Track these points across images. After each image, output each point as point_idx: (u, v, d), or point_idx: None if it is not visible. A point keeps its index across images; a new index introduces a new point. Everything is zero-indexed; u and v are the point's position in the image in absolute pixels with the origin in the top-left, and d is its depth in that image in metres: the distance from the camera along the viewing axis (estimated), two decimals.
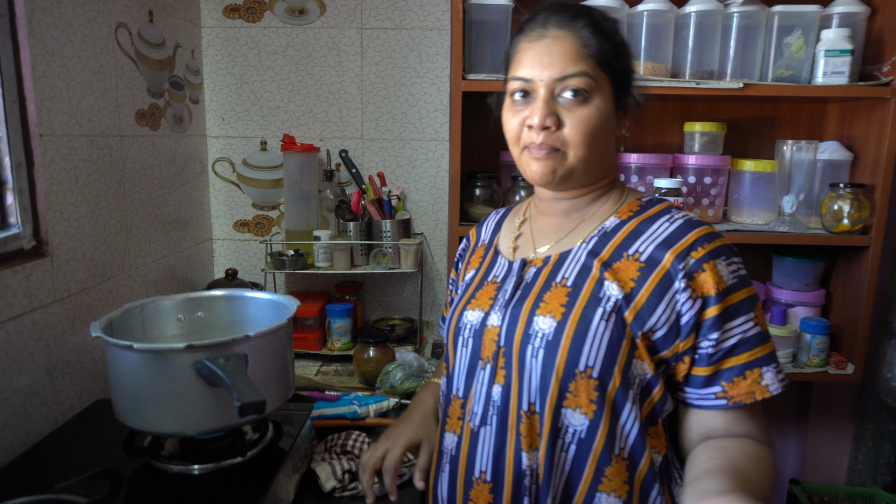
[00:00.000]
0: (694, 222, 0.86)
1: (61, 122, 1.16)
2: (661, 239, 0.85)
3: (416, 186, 1.87)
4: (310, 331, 1.71)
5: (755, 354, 0.81)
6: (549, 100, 0.84)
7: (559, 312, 0.84)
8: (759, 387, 0.81)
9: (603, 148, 0.87)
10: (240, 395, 0.81)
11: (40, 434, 1.10)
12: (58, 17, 1.15)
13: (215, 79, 1.81)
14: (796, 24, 1.58)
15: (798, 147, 1.59)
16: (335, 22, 1.78)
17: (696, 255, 0.82)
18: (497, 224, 1.07)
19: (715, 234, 0.85)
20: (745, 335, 0.81)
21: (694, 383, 0.83)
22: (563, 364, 0.82)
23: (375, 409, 1.31)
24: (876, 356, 1.82)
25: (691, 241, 0.83)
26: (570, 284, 0.86)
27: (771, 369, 0.82)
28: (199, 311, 1.14)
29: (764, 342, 0.82)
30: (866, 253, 1.61)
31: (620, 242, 0.87)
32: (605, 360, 0.81)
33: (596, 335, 0.81)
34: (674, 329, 0.81)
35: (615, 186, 0.95)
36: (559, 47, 0.83)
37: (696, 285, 0.81)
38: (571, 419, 0.82)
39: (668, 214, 0.88)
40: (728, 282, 0.81)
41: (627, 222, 0.89)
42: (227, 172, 1.87)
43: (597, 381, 0.81)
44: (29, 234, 1.10)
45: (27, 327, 1.07)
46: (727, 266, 0.82)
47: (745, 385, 0.81)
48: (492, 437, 0.86)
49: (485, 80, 1.54)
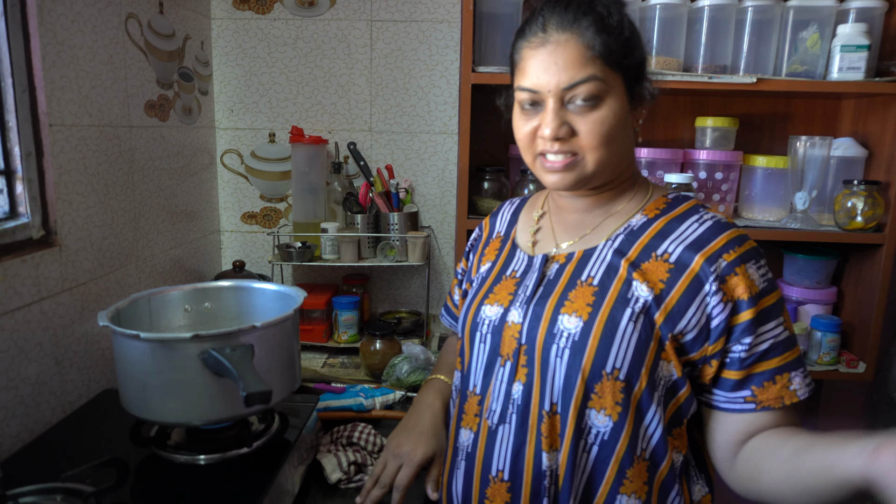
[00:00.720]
0: (723, 224, 0.85)
1: (71, 111, 1.16)
2: (691, 240, 0.83)
3: (424, 179, 1.86)
4: (316, 323, 1.71)
5: (785, 359, 0.81)
6: (558, 109, 0.81)
7: (586, 312, 0.82)
8: (787, 391, 0.80)
9: (621, 145, 0.85)
10: (246, 386, 0.81)
11: (48, 423, 1.11)
12: (68, 7, 1.15)
13: (224, 70, 1.81)
14: (812, 19, 1.56)
15: (812, 143, 1.57)
16: (345, 14, 1.78)
17: (727, 257, 0.81)
18: (513, 215, 1.04)
19: (744, 236, 0.84)
20: (777, 339, 0.81)
21: (723, 386, 0.82)
22: (589, 365, 0.80)
23: (381, 401, 1.31)
24: (888, 355, 1.80)
25: (722, 243, 0.82)
26: (597, 283, 0.84)
27: (799, 374, 0.81)
28: (206, 302, 1.14)
29: (792, 346, 0.82)
30: (880, 251, 1.59)
31: (648, 242, 0.85)
32: (632, 362, 0.79)
33: (624, 336, 0.80)
34: (703, 332, 0.80)
35: (637, 181, 0.93)
36: (563, 53, 0.79)
37: (728, 289, 0.80)
38: (595, 420, 0.81)
39: (696, 214, 0.87)
40: (759, 286, 0.81)
41: (655, 221, 0.87)
42: (235, 164, 1.87)
43: (623, 383, 0.80)
44: (38, 224, 1.11)
45: (35, 317, 1.08)
46: (757, 270, 0.82)
47: (774, 390, 0.80)
48: (511, 436, 0.84)
49: (495, 72, 1.53)
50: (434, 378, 1.11)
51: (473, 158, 1.65)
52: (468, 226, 1.61)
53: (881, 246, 1.58)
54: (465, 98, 1.53)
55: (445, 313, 1.19)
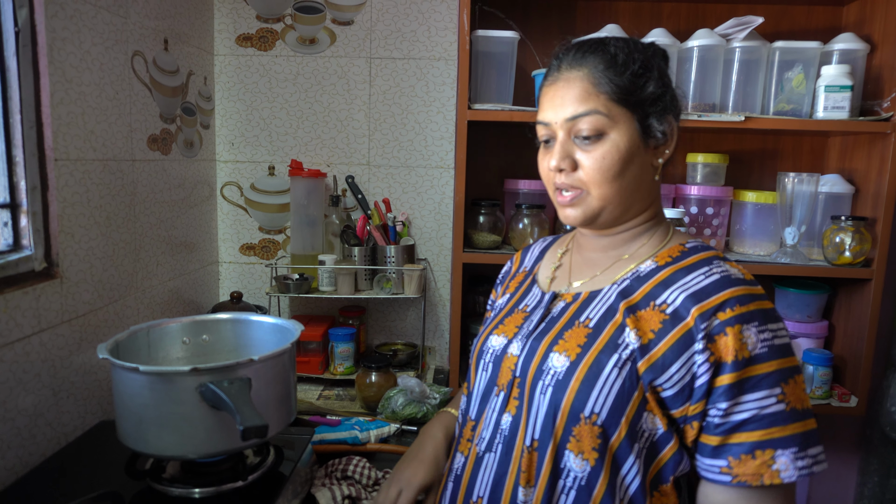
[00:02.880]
0: (732, 280, 0.80)
1: (76, 146, 1.19)
2: (691, 292, 0.80)
3: (420, 213, 1.89)
4: (312, 354, 1.72)
5: (770, 434, 0.75)
6: (565, 142, 0.85)
7: (574, 353, 0.82)
8: (768, 470, 0.74)
9: (631, 182, 0.85)
10: (243, 419, 0.82)
11: (43, 455, 1.11)
12: (77, 45, 1.18)
13: (226, 105, 1.85)
14: (797, 60, 1.61)
15: (800, 179, 1.60)
16: (345, 51, 1.83)
17: (722, 316, 0.77)
18: (541, 252, 1.07)
19: (752, 295, 0.79)
20: (762, 412, 0.75)
21: (703, 451, 0.79)
22: (569, 406, 0.80)
23: (376, 434, 1.31)
24: (879, 389, 1.81)
25: (721, 300, 0.78)
26: (593, 326, 0.84)
27: (788, 454, 0.74)
28: (203, 334, 1.15)
29: (786, 422, 0.75)
30: (868, 285, 1.61)
31: (651, 290, 0.84)
32: (612, 409, 0.78)
33: (607, 382, 0.79)
34: (686, 390, 0.78)
35: (659, 225, 0.91)
36: (570, 89, 0.84)
37: (716, 349, 0.76)
38: (572, 463, 0.80)
39: (706, 266, 0.83)
40: (753, 351, 0.76)
41: (664, 268, 0.85)
42: (235, 196, 1.90)
43: (600, 429, 0.78)
44: (41, 256, 1.13)
45: (35, 348, 1.09)
46: (758, 333, 0.77)
47: (752, 465, 0.75)
48: (494, 465, 0.86)
49: (490, 109, 1.57)
50: (444, 411, 1.10)
51: (469, 192, 1.68)
52: (464, 259, 1.63)
53: (870, 280, 1.60)
54: (462, 134, 1.57)
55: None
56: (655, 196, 0.91)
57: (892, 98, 1.56)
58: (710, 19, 1.77)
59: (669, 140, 0.87)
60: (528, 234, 1.67)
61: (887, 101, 1.57)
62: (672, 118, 0.87)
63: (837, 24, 1.78)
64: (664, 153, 0.88)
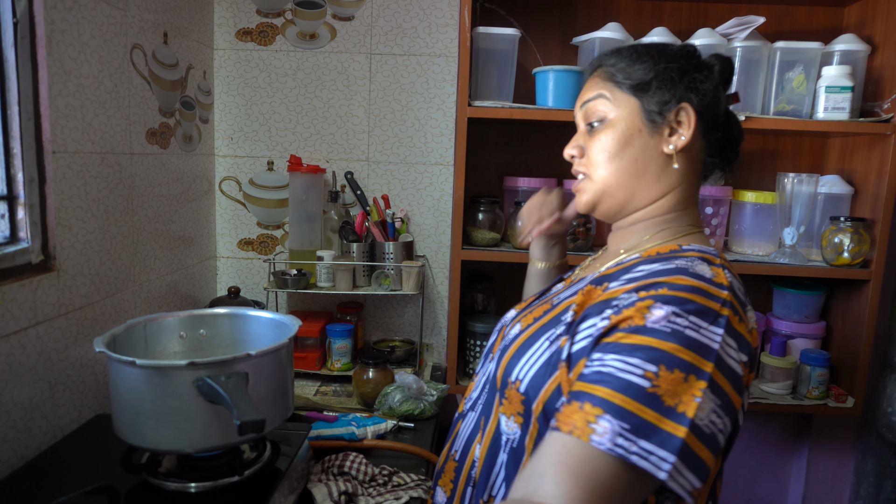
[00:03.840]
0: (689, 272, 0.73)
1: (74, 139, 1.19)
2: (637, 275, 0.76)
3: (419, 209, 1.88)
4: (310, 350, 1.71)
5: (612, 397, 0.65)
6: (580, 133, 0.91)
7: (526, 323, 0.87)
8: (585, 425, 0.65)
9: (632, 165, 0.84)
10: (240, 414, 0.82)
11: (39, 448, 1.10)
12: (76, 38, 1.18)
13: (225, 99, 1.85)
14: (798, 60, 1.61)
15: (799, 180, 1.60)
16: (345, 47, 1.82)
17: (643, 294, 0.71)
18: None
19: (699, 289, 0.71)
20: (619, 374, 0.66)
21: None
22: (502, 370, 0.85)
23: (373, 430, 1.31)
24: (876, 390, 1.81)
25: (655, 281, 0.73)
26: (555, 302, 0.88)
27: (615, 424, 0.64)
28: (201, 329, 1.15)
29: (638, 399, 0.64)
30: (866, 286, 1.61)
31: (612, 273, 0.82)
32: (532, 379, 0.78)
33: (535, 353, 0.81)
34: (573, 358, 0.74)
35: (674, 222, 0.87)
36: (589, 83, 0.91)
37: (616, 316, 0.71)
38: (505, 426, 0.83)
39: (677, 260, 0.77)
40: (651, 324, 0.68)
41: (643, 262, 0.80)
42: (233, 191, 1.89)
43: (523, 396, 0.80)
44: (37, 249, 1.12)
45: (31, 341, 1.08)
46: (673, 315, 0.68)
47: (574, 415, 0.66)
48: (471, 424, 0.91)
49: (490, 106, 1.56)
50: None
51: (469, 190, 1.68)
52: (463, 256, 1.63)
53: (868, 282, 1.61)
54: (462, 131, 1.57)
55: None
56: (671, 188, 0.86)
57: (892, 99, 1.56)
58: (712, 19, 1.77)
59: (684, 127, 0.84)
60: None
61: (887, 102, 1.57)
62: (689, 107, 0.84)
63: (839, 24, 1.78)
64: (678, 140, 0.84)
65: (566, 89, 1.60)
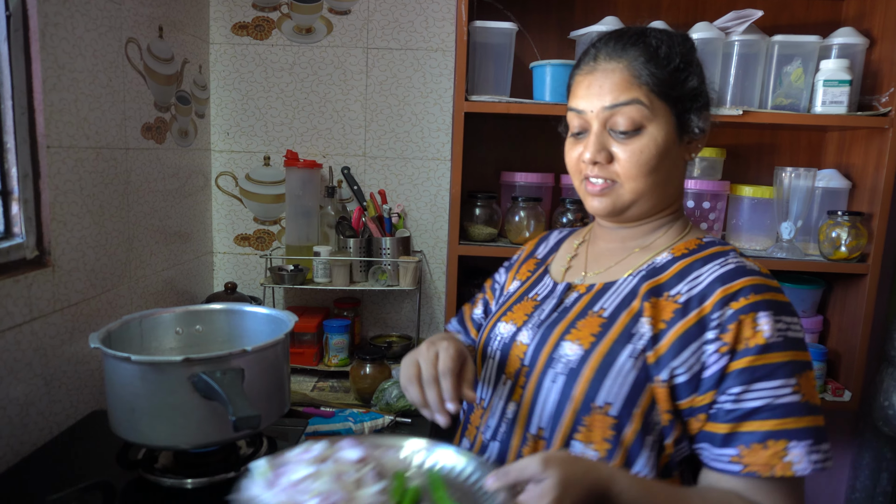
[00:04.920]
0: (748, 270, 0.80)
1: (69, 134, 1.18)
2: (708, 282, 0.79)
3: (416, 205, 1.88)
4: (307, 346, 1.71)
5: (784, 425, 0.73)
6: (600, 133, 0.83)
7: (588, 341, 0.81)
8: (780, 461, 0.72)
9: (664, 177, 0.84)
10: (235, 410, 0.81)
11: (34, 444, 1.10)
12: (70, 31, 1.17)
13: (221, 94, 1.84)
14: (796, 54, 1.61)
15: (797, 174, 1.60)
16: (341, 41, 1.81)
17: (735, 305, 0.76)
18: (557, 243, 1.06)
19: (768, 286, 0.79)
20: (776, 401, 0.73)
21: (711, 440, 0.77)
22: (581, 395, 0.79)
23: (370, 426, 1.31)
24: (873, 384, 1.81)
25: (736, 288, 0.77)
26: (607, 315, 0.83)
27: (802, 446, 0.72)
28: (197, 325, 1.14)
29: (801, 414, 0.73)
30: (863, 280, 1.61)
31: (667, 280, 0.83)
32: (625, 400, 0.77)
33: (620, 372, 0.77)
34: (694, 380, 0.76)
35: (678, 219, 0.91)
36: (610, 78, 0.82)
37: (728, 338, 0.75)
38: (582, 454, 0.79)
39: (723, 258, 0.83)
40: (768, 338, 0.75)
41: (679, 260, 0.85)
42: (230, 186, 1.89)
43: (614, 420, 0.77)
44: (32, 244, 1.11)
45: (26, 337, 1.08)
46: (774, 322, 0.75)
47: (764, 455, 0.72)
48: (495, 453, 0.86)
49: (487, 101, 1.56)
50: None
51: (465, 185, 1.67)
52: (459, 251, 1.63)
53: (865, 276, 1.60)
54: (459, 126, 1.56)
55: (455, 321, 1.16)
56: (681, 192, 0.91)
57: (890, 93, 1.55)
58: (710, 12, 1.76)
59: (704, 135, 0.86)
60: (525, 226, 1.66)
61: (885, 96, 1.57)
62: (708, 114, 0.86)
63: (837, 18, 1.77)
64: (697, 148, 0.87)
65: (564, 84, 1.57)
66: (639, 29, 0.86)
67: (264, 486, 0.68)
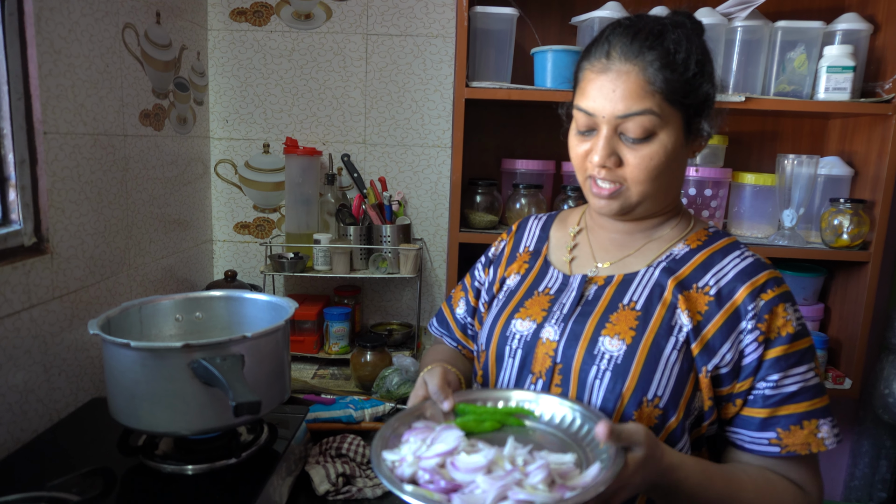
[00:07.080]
0: (763, 263, 0.86)
1: (66, 120, 1.17)
2: (733, 275, 0.83)
3: (417, 192, 1.87)
4: (307, 334, 1.71)
5: (814, 405, 0.80)
6: (610, 138, 0.81)
7: (629, 336, 0.81)
8: (815, 439, 0.79)
9: (671, 178, 0.86)
10: (235, 396, 0.81)
11: (35, 431, 1.10)
12: (66, 16, 1.16)
13: (220, 81, 1.82)
14: (799, 40, 1.59)
15: (799, 161, 1.59)
16: (341, 27, 1.79)
17: (765, 297, 0.81)
18: (542, 231, 1.03)
19: (782, 279, 0.85)
20: (807, 384, 0.80)
21: (748, 425, 0.82)
22: (630, 391, 0.79)
23: (371, 413, 1.31)
24: (873, 372, 1.82)
25: (763, 280, 0.82)
26: (640, 308, 0.84)
27: (827, 423, 0.81)
28: (196, 312, 1.14)
29: (822, 394, 0.82)
30: (865, 268, 1.61)
31: (692, 272, 0.85)
32: (673, 392, 0.79)
33: (667, 365, 0.80)
34: (735, 368, 0.81)
35: (680, 211, 0.93)
36: (624, 83, 0.79)
37: (764, 327, 0.80)
38: None
39: (738, 250, 0.87)
40: (795, 327, 0.81)
41: (698, 252, 0.87)
42: (229, 174, 1.88)
43: (661, 412, 0.80)
44: (30, 231, 1.11)
45: (25, 324, 1.07)
46: (794, 312, 0.82)
47: (801, 435, 0.79)
48: None
49: (488, 87, 1.54)
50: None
51: (466, 172, 1.66)
52: (460, 238, 1.62)
53: (866, 263, 1.60)
54: (459, 112, 1.55)
55: (437, 322, 1.14)
56: (681, 185, 0.93)
57: (893, 80, 1.54)
58: None
59: (704, 139, 0.87)
60: (525, 213, 1.66)
61: (889, 82, 1.56)
62: (716, 115, 0.86)
63: (840, 3, 1.75)
64: (702, 146, 0.88)
65: (565, 70, 1.58)
66: (655, 26, 0.81)
67: None
